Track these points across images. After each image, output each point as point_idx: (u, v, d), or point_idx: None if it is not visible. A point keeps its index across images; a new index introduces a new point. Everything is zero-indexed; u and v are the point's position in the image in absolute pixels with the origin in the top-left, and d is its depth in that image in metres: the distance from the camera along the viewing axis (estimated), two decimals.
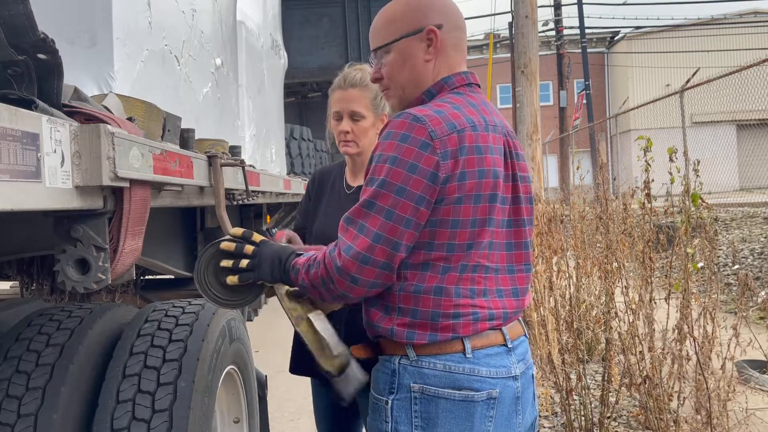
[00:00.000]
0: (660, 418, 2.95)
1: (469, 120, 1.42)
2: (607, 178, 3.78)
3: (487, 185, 1.40)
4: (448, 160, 1.36)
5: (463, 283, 1.40)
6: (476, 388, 1.39)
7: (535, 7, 8.11)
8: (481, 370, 1.40)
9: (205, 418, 1.93)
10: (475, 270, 1.41)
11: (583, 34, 21.48)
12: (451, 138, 1.37)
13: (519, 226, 1.51)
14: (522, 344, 1.54)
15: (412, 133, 1.36)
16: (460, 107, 1.44)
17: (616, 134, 18.40)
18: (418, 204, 1.35)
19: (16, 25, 1.21)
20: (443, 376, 1.39)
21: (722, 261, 7.33)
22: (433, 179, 1.35)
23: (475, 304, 1.41)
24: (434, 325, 1.40)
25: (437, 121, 1.38)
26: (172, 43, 2.48)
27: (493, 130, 1.46)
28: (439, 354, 1.40)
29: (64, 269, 1.37)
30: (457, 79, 1.52)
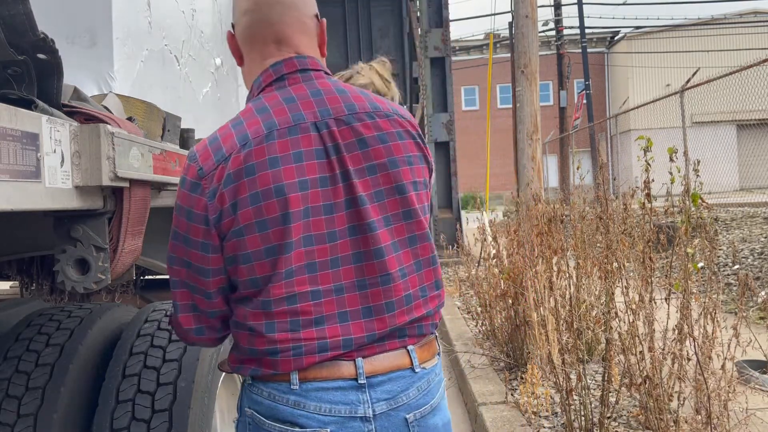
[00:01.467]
0: (660, 418, 2.95)
1: (242, 137, 1.23)
2: (607, 178, 3.78)
3: (271, 207, 1.20)
4: (215, 198, 1.22)
5: (279, 317, 1.23)
6: (301, 424, 1.22)
7: (535, 6, 8.11)
8: (308, 404, 1.23)
9: (204, 418, 1.93)
10: (292, 300, 1.22)
11: (583, 34, 21.48)
12: (219, 171, 1.22)
13: (366, 231, 1.26)
14: (394, 381, 1.27)
15: (187, 175, 1.26)
16: (243, 120, 1.26)
17: (616, 134, 18.40)
18: (205, 252, 1.25)
19: (16, 25, 1.21)
20: (268, 406, 1.26)
21: (722, 261, 7.33)
22: (206, 222, 1.23)
23: (298, 337, 1.22)
24: (258, 360, 1.26)
25: (206, 154, 1.24)
26: (171, 42, 2.48)
27: (290, 132, 1.24)
28: (268, 381, 1.26)
29: (64, 269, 1.37)
30: (264, 77, 1.33)
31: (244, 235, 1.21)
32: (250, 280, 1.24)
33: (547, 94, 31.44)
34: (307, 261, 1.23)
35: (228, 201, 1.21)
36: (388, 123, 1.32)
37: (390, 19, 8.61)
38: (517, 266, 4.45)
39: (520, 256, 4.35)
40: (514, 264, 4.54)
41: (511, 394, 3.97)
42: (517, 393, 3.98)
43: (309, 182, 1.23)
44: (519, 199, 6.46)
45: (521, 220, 5.05)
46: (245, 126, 1.25)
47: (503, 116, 30.76)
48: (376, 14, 8.50)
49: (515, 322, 4.53)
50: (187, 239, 1.26)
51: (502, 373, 4.45)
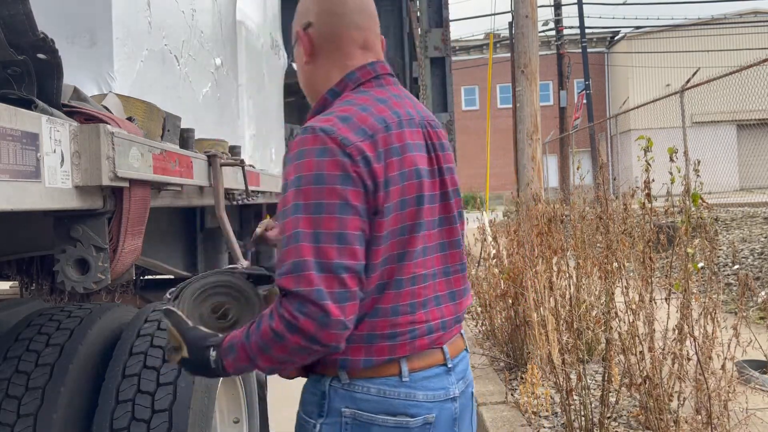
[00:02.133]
0: (660, 418, 2.95)
1: (381, 120, 1.28)
2: (607, 178, 3.78)
3: (411, 187, 1.29)
4: (369, 168, 1.22)
5: (402, 299, 1.28)
6: (412, 414, 1.29)
7: (535, 6, 8.11)
8: (417, 394, 1.30)
9: (204, 418, 1.93)
10: (413, 282, 1.30)
11: (583, 34, 21.48)
12: (366, 144, 1.23)
13: (450, 223, 1.40)
14: (462, 361, 1.43)
15: (327, 144, 1.21)
16: (369, 107, 1.30)
17: (616, 134, 18.40)
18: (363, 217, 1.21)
19: (16, 25, 1.21)
20: (377, 401, 1.28)
21: (722, 261, 7.33)
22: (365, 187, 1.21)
23: (414, 320, 1.30)
24: (369, 348, 1.27)
25: (344, 129, 1.23)
26: (171, 42, 2.48)
27: (409, 124, 1.33)
28: (373, 377, 1.29)
29: (64, 269, 1.37)
30: (361, 73, 1.38)
31: (392, 212, 1.26)
32: (382, 260, 1.26)
33: (547, 94, 31.43)
34: (423, 245, 1.32)
35: (381, 176, 1.24)
36: (443, 133, 1.47)
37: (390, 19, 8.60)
38: (517, 266, 4.45)
39: (520, 256, 4.35)
40: (514, 264, 4.54)
41: (511, 394, 3.97)
42: (517, 393, 3.98)
43: (425, 171, 1.33)
44: (519, 199, 6.46)
45: (521, 220, 5.05)
46: (375, 111, 1.30)
47: (503, 116, 30.76)
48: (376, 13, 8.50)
49: (515, 322, 4.53)
50: (344, 206, 1.19)
51: (502, 373, 4.45)
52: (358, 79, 1.38)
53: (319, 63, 1.42)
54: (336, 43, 1.40)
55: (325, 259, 1.17)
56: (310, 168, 1.20)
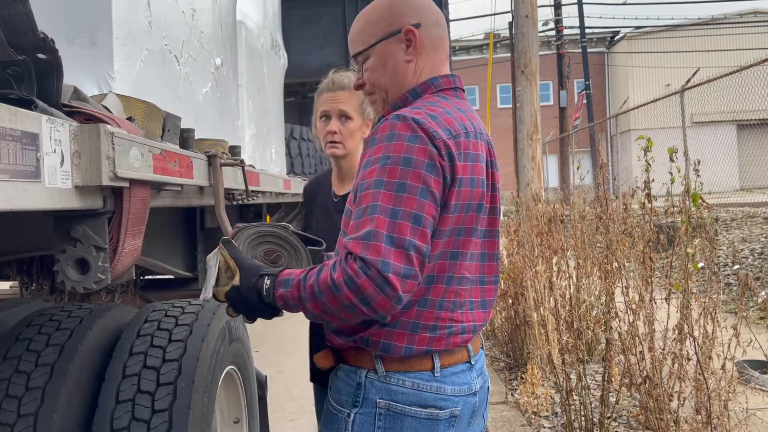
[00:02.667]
0: (660, 418, 2.95)
1: (462, 126, 1.38)
2: (607, 178, 3.78)
3: (477, 194, 1.38)
4: (452, 163, 1.31)
5: (448, 296, 1.39)
6: (441, 407, 1.39)
7: (535, 6, 8.11)
8: (446, 388, 1.40)
9: (204, 418, 1.93)
10: (460, 282, 1.40)
11: (583, 33, 21.48)
12: (451, 143, 1.32)
13: (493, 237, 1.49)
14: (481, 358, 1.54)
15: (419, 132, 1.29)
16: (451, 112, 1.39)
17: (616, 134, 18.40)
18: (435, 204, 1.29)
19: (16, 25, 1.21)
20: (411, 394, 1.37)
21: (722, 261, 7.33)
22: (444, 178, 1.30)
23: (453, 317, 1.40)
24: (411, 336, 1.36)
25: (434, 124, 1.33)
26: (171, 42, 2.48)
27: (479, 137, 1.43)
28: (408, 371, 1.38)
29: (64, 269, 1.37)
30: (444, 81, 1.49)
31: (457, 211, 1.34)
32: (438, 253, 1.34)
33: (547, 94, 31.43)
34: (472, 250, 1.41)
35: (459, 174, 1.33)
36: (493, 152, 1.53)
37: None
38: (517, 266, 4.45)
39: (520, 256, 4.35)
40: (514, 264, 4.54)
41: (511, 394, 3.97)
42: (517, 393, 3.98)
43: (484, 183, 1.41)
44: (519, 199, 6.46)
45: (521, 220, 5.05)
46: (458, 117, 1.39)
47: (503, 116, 30.76)
48: None
49: (515, 322, 4.53)
50: (425, 191, 1.27)
51: (502, 373, 4.45)
52: (440, 85, 1.48)
53: (419, 62, 1.48)
54: (435, 52, 1.50)
55: (399, 235, 1.23)
56: (400, 150, 1.28)
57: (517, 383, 4.19)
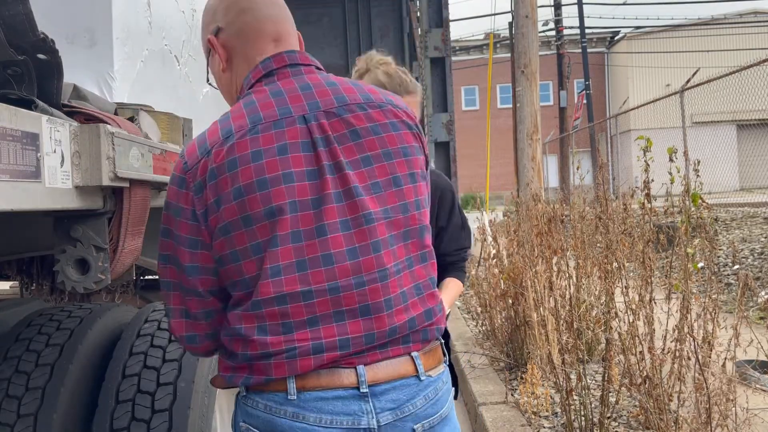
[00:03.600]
0: (660, 418, 2.95)
1: (226, 131, 1.21)
2: (607, 178, 3.78)
3: (254, 201, 1.16)
4: (201, 192, 1.19)
5: (270, 319, 1.17)
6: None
7: (535, 7, 8.11)
8: (307, 416, 1.16)
9: (204, 418, 1.93)
10: (282, 301, 1.17)
11: (583, 34, 21.47)
12: (202, 165, 1.20)
13: (361, 224, 1.20)
14: (399, 390, 1.21)
15: (175, 170, 1.24)
16: (230, 115, 1.25)
17: (616, 134, 18.39)
18: (193, 248, 1.22)
19: (16, 25, 1.21)
20: (263, 418, 1.19)
21: (722, 261, 7.32)
22: (194, 218, 1.20)
23: (291, 339, 1.17)
24: (250, 366, 1.20)
25: (192, 148, 1.23)
26: (172, 43, 2.48)
27: (275, 126, 1.21)
28: (262, 392, 1.20)
29: (64, 269, 1.37)
30: (253, 74, 1.31)
31: (231, 232, 1.18)
32: (240, 281, 1.20)
33: (547, 94, 31.43)
34: (297, 258, 1.17)
35: (212, 197, 1.18)
36: (381, 113, 1.27)
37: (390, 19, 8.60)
38: (517, 266, 4.45)
39: (520, 256, 4.35)
40: (514, 264, 4.54)
41: (511, 394, 3.97)
42: (517, 393, 3.98)
43: (294, 175, 1.18)
44: (519, 199, 6.46)
45: (521, 220, 5.04)
46: (231, 120, 1.23)
47: (503, 116, 30.75)
48: (376, 14, 8.50)
49: (515, 322, 4.53)
50: (176, 236, 1.23)
51: (502, 373, 4.45)
52: (249, 81, 1.30)
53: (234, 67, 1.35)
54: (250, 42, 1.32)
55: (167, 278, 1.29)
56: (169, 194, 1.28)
57: (517, 383, 4.19)
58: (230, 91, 1.38)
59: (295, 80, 1.28)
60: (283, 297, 1.17)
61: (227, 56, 1.35)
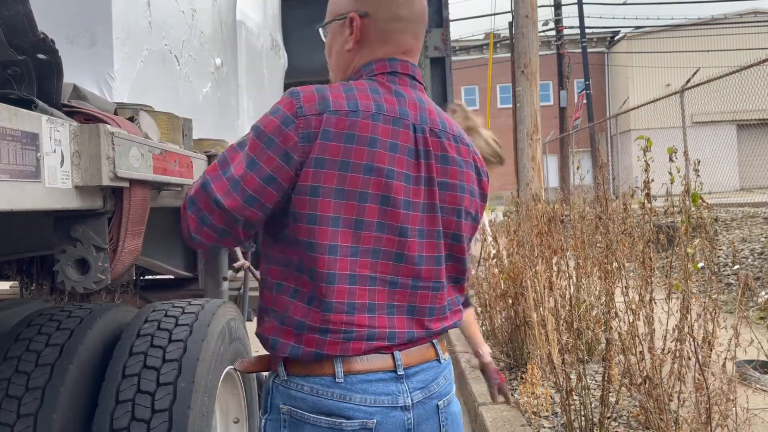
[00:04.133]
0: (660, 418, 2.95)
1: (353, 104, 1.26)
2: (607, 178, 3.78)
3: (355, 181, 1.23)
4: (308, 142, 1.22)
5: (338, 296, 1.24)
6: (347, 416, 1.26)
7: (535, 6, 8.11)
8: (353, 396, 1.26)
9: (204, 418, 1.93)
10: (353, 280, 1.25)
11: (583, 33, 21.47)
12: (319, 119, 1.22)
13: (434, 238, 1.34)
14: (426, 371, 1.35)
15: (283, 107, 1.25)
16: (354, 90, 1.29)
17: (616, 134, 18.39)
18: (267, 183, 1.22)
19: (16, 25, 1.21)
20: (310, 400, 1.27)
21: (722, 261, 7.33)
22: (286, 160, 1.22)
23: (352, 320, 1.25)
24: (300, 336, 1.26)
25: (311, 97, 1.25)
26: (171, 43, 2.48)
27: (393, 122, 1.28)
28: (308, 375, 1.28)
29: (64, 269, 1.37)
30: (378, 66, 1.36)
31: (320, 195, 1.23)
32: (309, 243, 1.23)
33: (547, 94, 31.43)
34: (374, 246, 1.27)
35: (317, 152, 1.22)
36: (465, 151, 1.41)
37: None
38: (517, 266, 4.45)
39: (520, 256, 4.35)
40: (514, 264, 4.54)
41: (511, 394, 3.97)
42: (517, 393, 3.98)
43: (395, 174, 1.28)
44: (519, 199, 6.46)
45: (521, 220, 5.05)
46: (357, 96, 1.28)
47: (503, 116, 30.74)
48: None
49: (515, 322, 4.53)
50: (257, 165, 1.23)
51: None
52: (372, 70, 1.37)
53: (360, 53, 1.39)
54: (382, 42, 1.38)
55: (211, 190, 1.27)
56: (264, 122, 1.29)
57: (517, 383, 4.19)
58: (344, 68, 1.42)
59: (412, 91, 1.38)
60: (354, 277, 1.26)
61: (358, 41, 1.39)
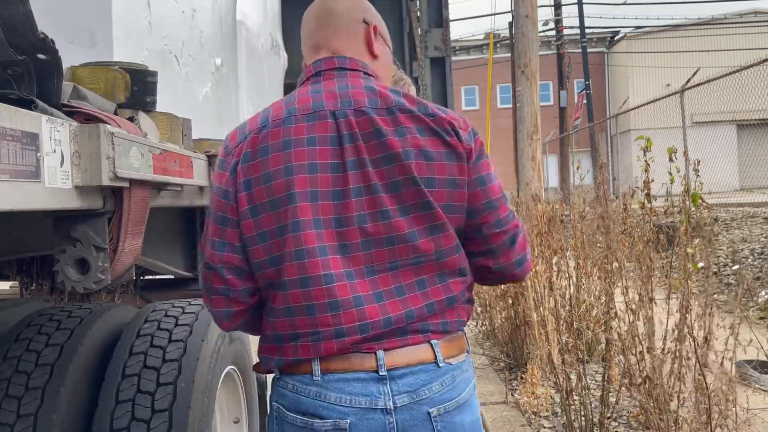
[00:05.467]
0: (660, 418, 2.95)
1: (264, 120, 1.33)
2: (607, 178, 3.78)
3: (279, 186, 1.26)
4: (234, 173, 1.31)
5: (295, 300, 1.26)
6: (321, 415, 1.25)
7: (535, 6, 8.11)
8: (329, 395, 1.25)
9: (204, 418, 1.93)
10: (305, 284, 1.25)
11: (583, 33, 21.47)
12: (239, 147, 1.32)
13: (377, 219, 1.27)
14: (416, 375, 1.27)
15: (219, 155, 1.38)
16: (271, 107, 1.38)
17: (616, 134, 18.40)
18: (223, 225, 1.33)
19: (16, 25, 1.21)
20: (292, 399, 1.28)
21: (722, 261, 7.32)
22: (225, 196, 1.32)
23: (315, 322, 1.25)
24: (280, 348, 1.31)
25: (234, 134, 1.37)
26: (171, 43, 2.48)
27: (307, 119, 1.29)
28: (292, 374, 1.30)
29: (64, 269, 1.37)
30: (305, 73, 1.44)
31: (259, 214, 1.28)
32: (269, 259, 1.29)
33: (547, 94, 31.41)
34: (318, 244, 1.26)
35: (242, 177, 1.29)
36: (408, 119, 1.31)
37: (390, 19, 8.59)
38: None
39: None
40: None
41: (511, 394, 3.97)
42: (517, 393, 3.98)
43: (318, 166, 1.27)
44: (519, 199, 6.46)
45: None
46: (270, 111, 1.35)
47: (503, 116, 30.73)
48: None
49: (515, 322, 4.53)
50: (212, 214, 1.35)
51: (502, 373, 4.45)
52: (301, 79, 1.44)
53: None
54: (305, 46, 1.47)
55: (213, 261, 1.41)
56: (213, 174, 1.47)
57: (517, 383, 4.19)
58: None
59: (338, 81, 1.37)
60: (306, 279, 1.26)
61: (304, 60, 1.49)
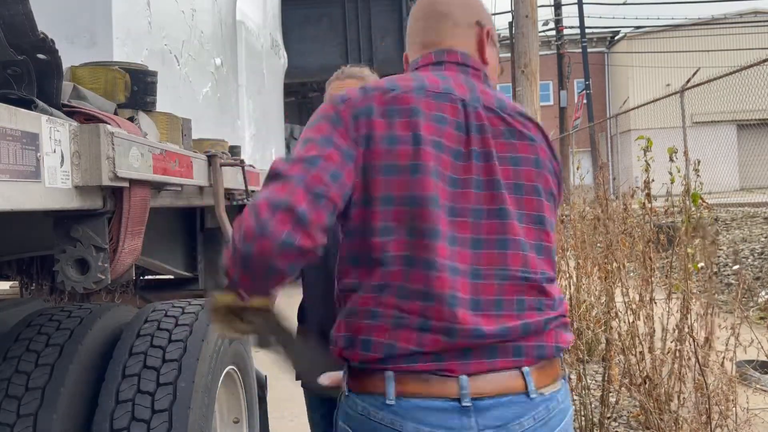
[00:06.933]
0: (660, 418, 2.95)
1: (391, 84, 1.21)
2: (607, 178, 3.78)
3: (404, 153, 1.13)
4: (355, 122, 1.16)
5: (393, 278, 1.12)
6: None
7: (535, 6, 8.11)
8: (405, 425, 1.09)
9: (204, 418, 1.93)
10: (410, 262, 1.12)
11: (584, 33, 21.47)
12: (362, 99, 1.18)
13: (494, 217, 1.15)
14: (505, 407, 1.11)
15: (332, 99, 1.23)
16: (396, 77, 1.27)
17: (616, 134, 18.39)
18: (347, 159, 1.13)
19: (16, 25, 1.21)
20: (362, 422, 1.14)
21: (722, 261, 7.33)
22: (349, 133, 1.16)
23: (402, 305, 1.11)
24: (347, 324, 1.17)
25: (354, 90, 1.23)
26: (171, 43, 2.48)
27: (436, 97, 1.19)
28: (361, 393, 1.15)
29: (64, 269, 1.37)
30: (422, 59, 1.33)
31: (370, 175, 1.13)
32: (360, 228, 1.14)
33: (547, 94, 31.39)
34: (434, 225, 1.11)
35: (364, 130, 1.14)
36: (536, 129, 1.26)
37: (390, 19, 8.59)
38: None
39: None
40: None
41: None
42: None
43: (444, 146, 1.15)
44: None
45: None
46: (396, 80, 1.24)
47: None
48: (376, 14, 8.49)
49: None
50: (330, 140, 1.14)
51: None
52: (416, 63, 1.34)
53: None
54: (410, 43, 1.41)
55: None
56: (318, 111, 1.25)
57: None
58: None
59: (461, 76, 1.28)
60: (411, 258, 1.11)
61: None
